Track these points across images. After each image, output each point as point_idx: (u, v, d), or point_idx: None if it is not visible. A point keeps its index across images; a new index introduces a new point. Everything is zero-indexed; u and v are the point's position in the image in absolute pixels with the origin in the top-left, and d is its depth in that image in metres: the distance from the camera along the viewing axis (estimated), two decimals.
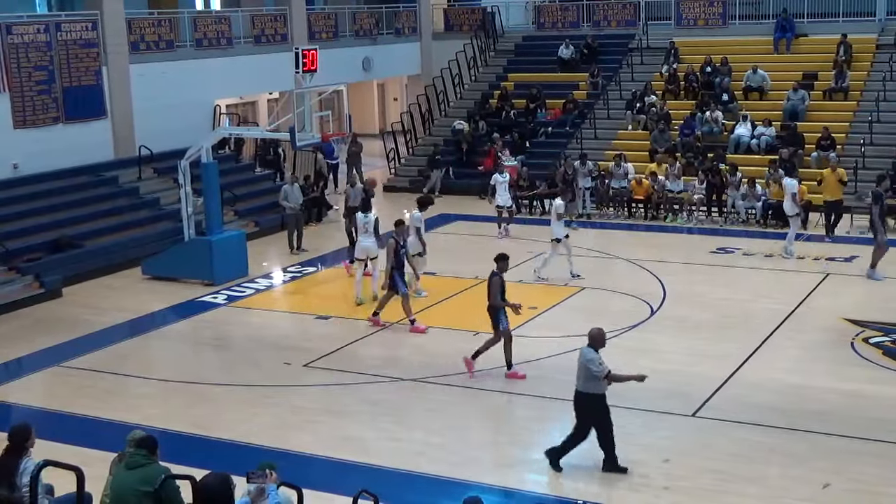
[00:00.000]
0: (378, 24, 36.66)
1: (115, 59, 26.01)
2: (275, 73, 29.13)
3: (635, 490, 11.68)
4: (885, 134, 27.46)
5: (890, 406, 13.91)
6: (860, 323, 17.35)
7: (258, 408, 14.53)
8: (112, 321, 18.84)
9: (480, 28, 37.09)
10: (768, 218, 25.04)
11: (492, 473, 12.19)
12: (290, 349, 16.98)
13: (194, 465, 9.90)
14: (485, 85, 35.03)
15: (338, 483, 11.52)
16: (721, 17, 34.14)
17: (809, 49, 32.16)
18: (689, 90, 31.26)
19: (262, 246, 24.23)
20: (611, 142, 30.40)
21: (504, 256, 15.65)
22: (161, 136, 25.95)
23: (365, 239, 19.73)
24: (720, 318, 18.00)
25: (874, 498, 11.31)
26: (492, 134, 31.38)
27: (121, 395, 15.21)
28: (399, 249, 17.88)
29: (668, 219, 26.03)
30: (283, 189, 24.54)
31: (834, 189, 23.65)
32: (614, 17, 36.18)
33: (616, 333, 17.07)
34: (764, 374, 15.18)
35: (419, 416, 14.10)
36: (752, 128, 28.61)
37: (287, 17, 32.06)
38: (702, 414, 13.76)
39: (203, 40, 29.14)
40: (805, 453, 12.46)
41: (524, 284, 20.41)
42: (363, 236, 19.78)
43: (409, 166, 32.53)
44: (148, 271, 21.83)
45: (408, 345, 17.13)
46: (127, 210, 24.67)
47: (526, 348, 16.46)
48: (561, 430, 13.78)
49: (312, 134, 21.06)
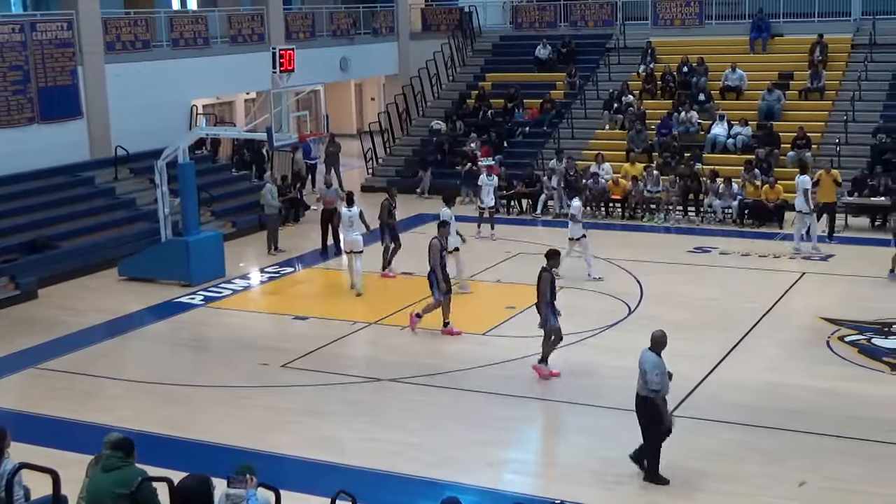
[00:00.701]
0: (355, 24, 36.61)
1: (90, 58, 25.88)
2: (252, 73, 29.02)
3: (613, 489, 11.70)
4: (860, 133, 27.61)
5: (865, 404, 14.00)
6: (836, 321, 17.44)
7: (235, 409, 14.48)
8: (88, 322, 18.74)
9: (458, 28, 37.11)
10: (745, 217, 25.15)
11: (469, 473, 12.18)
12: (267, 350, 16.94)
13: (171, 467, 9.84)
14: (462, 85, 35.05)
15: (315, 484, 11.49)
16: (698, 17, 34.27)
17: (785, 49, 32.32)
18: (666, 90, 31.36)
19: (239, 246, 24.16)
20: (588, 141, 30.47)
21: (555, 253, 15.66)
22: (137, 136, 25.82)
23: (350, 233, 20.08)
24: (697, 318, 18.06)
25: (850, 496, 11.37)
26: (469, 134, 31.41)
27: (97, 397, 15.13)
28: (443, 251, 17.57)
29: (645, 218, 26.11)
30: (266, 188, 24.39)
31: (829, 191, 23.56)
32: (591, 17, 36.25)
33: (593, 333, 17.16)
34: (741, 373, 15.25)
35: (396, 416, 14.08)
36: (728, 127, 28.73)
37: (264, 16, 31.97)
38: (679, 413, 13.77)
39: (179, 40, 29.03)
40: (782, 451, 12.52)
41: (502, 284, 20.46)
42: (348, 231, 20.17)
43: (387, 166, 32.51)
44: (124, 272, 21.73)
45: (385, 345, 17.12)
46: (103, 211, 24.54)
47: (503, 348, 16.53)
48: (538, 429, 13.85)
49: (289, 134, 21.03)
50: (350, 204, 20.60)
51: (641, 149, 28.56)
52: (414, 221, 26.35)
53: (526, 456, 12.95)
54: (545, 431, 13.93)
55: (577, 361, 15.86)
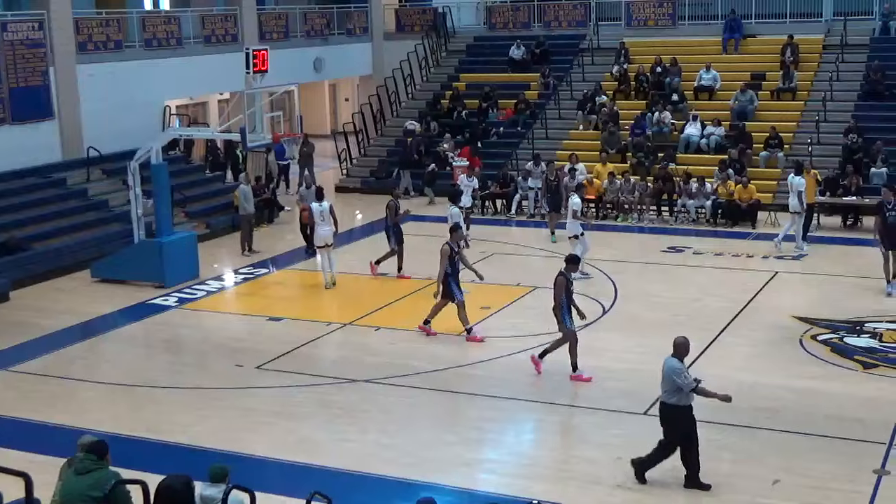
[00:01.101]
0: (329, 25, 36.53)
1: (62, 59, 25.71)
2: (225, 73, 28.92)
3: (588, 488, 11.73)
4: (832, 133, 27.80)
5: (838, 402, 14.10)
6: (808, 320, 17.55)
7: (210, 410, 14.43)
8: (61, 325, 18.61)
9: (432, 28, 37.11)
10: (718, 217, 25.28)
11: (444, 474, 12.18)
12: (242, 351, 16.88)
13: (145, 470, 9.80)
14: (437, 85, 35.05)
15: (290, 485, 11.47)
16: (670, 18, 34.42)
17: (757, 49, 32.50)
18: (640, 90, 31.47)
19: (213, 247, 24.06)
20: (562, 142, 30.52)
21: (574, 259, 15.75)
22: (110, 137, 25.70)
23: (321, 227, 20.30)
24: (671, 317, 18.12)
25: (824, 493, 11.44)
26: (443, 134, 31.42)
27: (70, 400, 15.03)
28: (454, 256, 17.42)
29: (619, 218, 26.18)
30: (240, 189, 24.23)
31: (810, 192, 23.47)
32: (565, 17, 36.32)
33: None
34: (715, 372, 15.25)
35: (372, 417, 14.07)
36: (701, 127, 28.86)
37: (237, 17, 31.86)
38: (654, 412, 13.79)
39: (152, 40, 28.88)
40: (756, 450, 12.59)
41: (476, 284, 20.44)
42: (320, 224, 20.37)
43: (361, 167, 32.46)
44: (97, 274, 21.59)
45: (360, 346, 17.09)
46: (76, 212, 24.40)
47: (477, 348, 16.52)
48: (514, 429, 13.86)
49: (263, 135, 20.98)
50: (320, 198, 20.75)
51: (615, 149, 28.64)
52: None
53: (501, 456, 12.96)
54: (521, 431, 13.94)
55: (552, 361, 15.86)
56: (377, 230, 23.59)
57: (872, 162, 26.14)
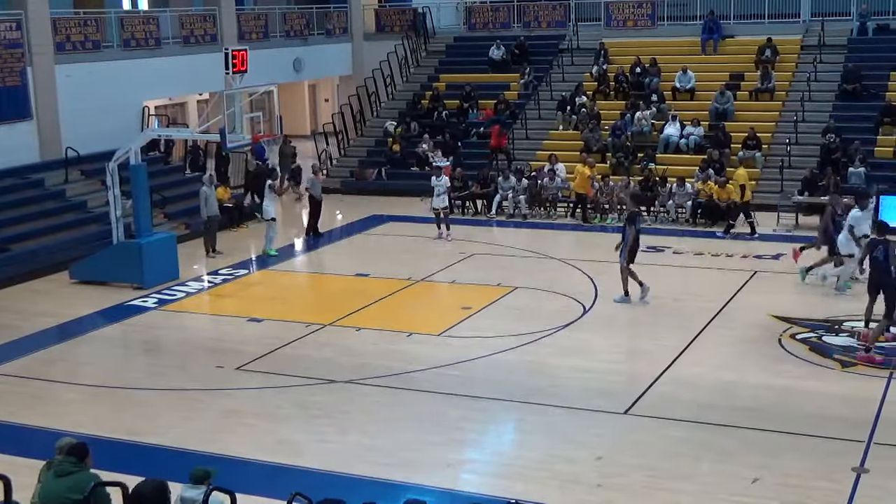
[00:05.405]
0: (309, 25, 36.47)
1: (40, 59, 25.57)
2: (204, 73, 28.84)
3: (568, 488, 11.74)
4: (810, 133, 27.95)
5: (817, 401, 14.16)
6: (787, 319, 17.63)
7: (190, 412, 14.38)
8: (40, 326, 18.50)
9: (412, 29, 37.10)
10: (697, 216, 25.37)
11: (426, 474, 12.17)
12: (222, 352, 16.82)
13: (125, 472, 9.76)
14: (416, 85, 35.04)
15: (271, 486, 11.45)
16: (650, 18, 34.52)
17: (736, 50, 32.63)
18: (619, 90, 31.55)
19: (192, 248, 23.94)
20: (542, 142, 30.58)
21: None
22: (88, 137, 25.56)
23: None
24: (651, 317, 18.19)
25: (804, 491, 11.48)
26: (423, 134, 31.42)
27: (49, 402, 14.95)
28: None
29: (598, 219, 26.21)
30: (202, 191, 23.81)
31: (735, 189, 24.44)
32: (544, 17, 36.39)
33: (548, 333, 17.21)
34: (695, 371, 15.37)
35: (353, 418, 14.05)
36: (680, 128, 28.97)
37: (216, 17, 31.76)
38: (634, 411, 13.89)
39: (131, 40, 28.77)
40: (735, 449, 12.64)
41: (457, 284, 20.48)
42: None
43: (341, 167, 32.43)
44: (76, 275, 21.49)
45: (341, 346, 17.06)
46: (53, 213, 24.27)
47: (458, 349, 16.53)
48: (495, 429, 13.89)
49: (243, 135, 20.92)
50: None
51: (596, 149, 28.71)
52: (367, 223, 26.38)
53: (483, 456, 12.97)
54: (502, 431, 13.95)
55: (532, 361, 15.91)
56: (353, 232, 23.56)
57: (850, 162, 26.30)
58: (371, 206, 28.04)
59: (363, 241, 22.68)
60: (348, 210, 27.65)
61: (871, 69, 29.70)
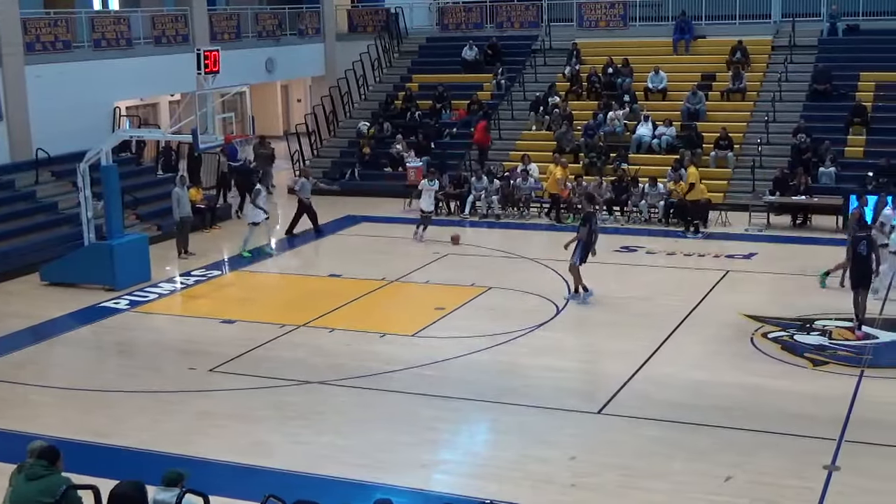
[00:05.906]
0: (281, 25, 36.35)
1: (9, 59, 25.35)
2: (176, 74, 28.67)
3: (542, 488, 11.76)
4: (781, 133, 28.13)
5: (789, 399, 14.25)
6: (759, 318, 17.74)
7: (163, 414, 14.31)
8: (10, 328, 18.34)
9: (384, 29, 37.07)
10: (670, 217, 25.48)
11: (399, 475, 12.17)
12: (195, 354, 16.75)
13: (97, 475, 9.70)
14: (389, 86, 35.01)
15: (245, 488, 11.39)
16: (622, 19, 34.64)
17: (708, 50, 32.80)
18: (592, 91, 31.64)
19: (164, 250, 23.81)
20: (515, 142, 30.63)
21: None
22: (59, 138, 25.36)
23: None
24: (624, 316, 18.25)
25: (775, 489, 11.55)
26: (396, 135, 31.41)
27: (20, 405, 14.83)
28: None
29: (571, 219, 26.24)
30: (174, 192, 23.70)
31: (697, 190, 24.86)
32: (517, 18, 36.45)
33: (522, 333, 17.23)
34: (667, 371, 15.43)
35: (326, 418, 14.02)
36: (653, 128, 29.08)
37: (188, 17, 31.60)
38: (607, 411, 13.93)
39: (102, 41, 28.57)
40: (708, 447, 12.70)
41: (431, 285, 20.48)
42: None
43: (314, 167, 32.28)
44: (47, 277, 21.32)
45: (314, 347, 17.03)
46: (24, 214, 24.07)
47: (431, 349, 16.53)
48: (468, 429, 13.91)
49: (215, 136, 20.84)
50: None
51: (569, 149, 28.78)
52: (341, 224, 26.35)
53: (456, 456, 12.97)
54: (475, 432, 13.97)
55: (505, 361, 15.93)
56: (327, 232, 23.49)
57: (821, 162, 26.50)
58: (345, 207, 27.99)
59: (337, 241, 22.64)
60: (322, 211, 27.57)
61: (842, 69, 29.92)
